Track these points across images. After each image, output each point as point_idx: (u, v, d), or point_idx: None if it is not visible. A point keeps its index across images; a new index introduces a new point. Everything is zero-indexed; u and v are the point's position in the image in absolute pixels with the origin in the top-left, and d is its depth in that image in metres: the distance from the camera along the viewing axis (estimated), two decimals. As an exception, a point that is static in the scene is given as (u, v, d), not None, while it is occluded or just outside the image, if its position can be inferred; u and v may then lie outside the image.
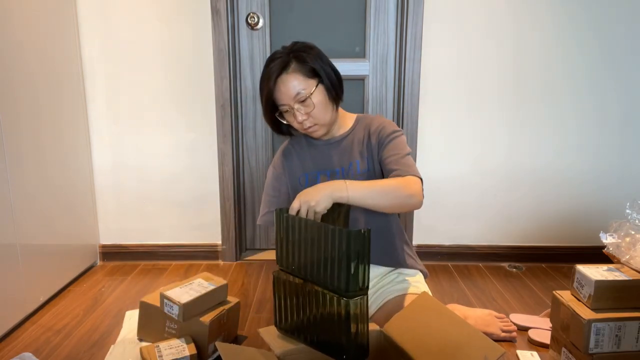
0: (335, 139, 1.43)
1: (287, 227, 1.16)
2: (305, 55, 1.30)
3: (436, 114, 2.09)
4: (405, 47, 2.02)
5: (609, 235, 1.32)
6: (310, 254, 1.11)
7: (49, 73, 1.82)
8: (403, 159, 1.31)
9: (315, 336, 1.15)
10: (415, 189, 1.23)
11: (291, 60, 1.30)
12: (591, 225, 2.13)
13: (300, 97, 1.29)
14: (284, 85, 1.29)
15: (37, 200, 1.73)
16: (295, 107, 1.30)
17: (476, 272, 2.10)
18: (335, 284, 1.06)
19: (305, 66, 1.30)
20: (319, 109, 1.31)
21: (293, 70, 1.29)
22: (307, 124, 1.33)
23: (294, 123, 1.35)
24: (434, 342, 1.11)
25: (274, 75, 1.29)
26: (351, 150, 1.40)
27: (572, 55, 2.03)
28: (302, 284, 1.15)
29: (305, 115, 1.31)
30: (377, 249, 1.41)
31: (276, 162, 1.49)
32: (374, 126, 1.39)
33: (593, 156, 2.12)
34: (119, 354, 1.39)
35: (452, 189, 2.15)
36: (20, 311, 1.63)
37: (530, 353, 1.41)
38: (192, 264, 2.19)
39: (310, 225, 1.11)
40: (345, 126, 1.44)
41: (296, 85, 1.29)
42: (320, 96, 1.31)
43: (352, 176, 1.37)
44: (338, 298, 1.06)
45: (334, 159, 1.41)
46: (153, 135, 2.12)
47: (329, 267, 1.07)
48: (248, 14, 2.08)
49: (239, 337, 1.52)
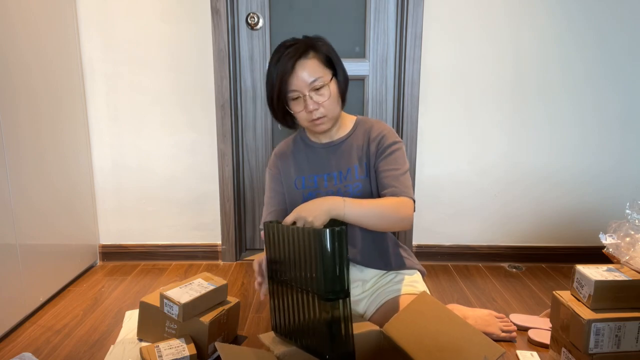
0: (334, 142, 1.40)
1: (274, 238, 1.16)
2: (322, 45, 1.29)
3: (436, 114, 2.09)
4: (405, 47, 2.02)
5: (608, 236, 1.33)
6: (296, 259, 1.10)
7: (48, 73, 1.82)
8: (402, 177, 1.30)
9: (306, 340, 1.15)
10: (407, 213, 1.24)
11: (309, 47, 1.27)
12: (591, 225, 2.13)
13: (316, 85, 1.26)
14: (302, 70, 1.25)
15: (36, 201, 1.73)
16: (308, 95, 1.26)
17: (476, 272, 2.10)
18: (316, 287, 1.05)
19: (323, 55, 1.28)
20: (332, 101, 1.29)
21: (312, 57, 1.27)
22: (317, 114, 1.28)
23: (301, 113, 1.29)
24: (433, 342, 1.11)
25: (293, 59, 1.24)
26: (350, 155, 1.38)
27: (571, 55, 2.03)
28: (291, 290, 1.14)
29: (317, 105, 1.27)
30: (373, 255, 1.41)
31: (271, 163, 1.47)
32: (375, 133, 1.36)
33: (593, 156, 2.12)
34: (118, 354, 1.39)
35: (452, 188, 2.15)
36: (20, 311, 1.63)
37: (530, 353, 1.41)
38: (192, 264, 2.19)
39: (292, 230, 1.10)
40: (345, 128, 1.41)
41: (315, 71, 1.26)
42: (334, 87, 1.29)
43: (349, 181, 1.36)
44: (320, 301, 1.05)
45: (331, 162, 1.39)
46: (153, 135, 2.12)
47: (310, 270, 1.06)
48: (248, 14, 2.08)
49: (239, 337, 1.52)
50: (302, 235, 1.07)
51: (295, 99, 1.29)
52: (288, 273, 1.14)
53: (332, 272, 1.02)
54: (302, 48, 1.26)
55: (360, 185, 1.35)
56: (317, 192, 1.37)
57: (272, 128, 2.19)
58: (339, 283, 1.03)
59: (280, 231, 1.14)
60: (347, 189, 1.35)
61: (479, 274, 2.08)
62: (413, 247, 2.19)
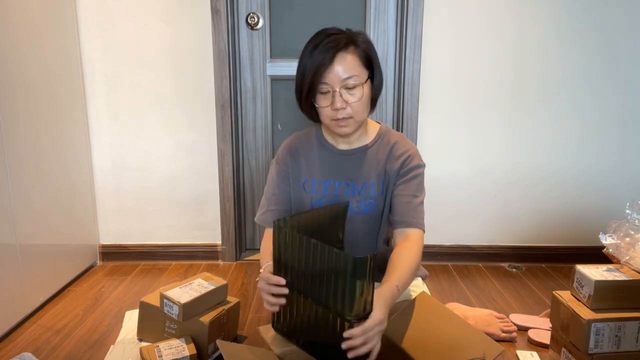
0: (352, 150, 1.32)
1: (286, 242, 1.11)
2: (362, 41, 1.21)
3: (436, 114, 2.09)
4: (405, 47, 2.02)
5: (608, 236, 1.33)
6: (311, 271, 1.07)
7: (48, 73, 1.82)
8: (419, 207, 1.28)
9: (310, 343, 1.14)
10: (421, 250, 1.23)
11: (351, 41, 1.19)
12: (591, 225, 2.13)
13: (349, 83, 1.18)
14: (340, 64, 1.17)
15: (36, 201, 1.73)
16: (338, 91, 1.18)
17: (476, 272, 2.10)
18: (338, 307, 1.03)
19: (363, 53, 1.20)
20: (361, 103, 1.21)
21: (352, 52, 1.18)
22: (343, 114, 1.20)
23: (326, 109, 1.21)
24: (433, 342, 1.11)
25: (332, 51, 1.16)
26: (368, 168, 1.30)
27: (571, 55, 2.03)
28: (304, 300, 1.11)
29: (345, 104, 1.19)
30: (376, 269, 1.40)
31: (280, 157, 1.37)
32: (400, 150, 1.30)
33: (593, 156, 2.12)
34: (118, 354, 1.39)
35: (452, 188, 2.15)
36: (20, 311, 1.63)
37: (530, 353, 1.41)
38: (192, 264, 2.19)
39: (313, 245, 1.06)
40: (366, 136, 1.33)
41: (351, 68, 1.17)
42: (367, 90, 1.22)
43: (362, 197, 1.31)
44: (341, 320, 1.03)
45: (346, 170, 1.32)
46: (153, 135, 2.12)
47: (332, 289, 1.03)
48: (248, 14, 2.08)
49: (238, 337, 1.52)
50: (327, 254, 1.03)
51: (324, 92, 1.20)
52: (302, 283, 1.11)
53: (360, 296, 1.00)
54: (344, 41, 1.18)
55: (374, 202, 1.31)
56: (327, 199, 1.32)
57: (272, 128, 2.19)
58: (363, 307, 1.01)
59: (298, 240, 1.09)
60: (360, 204, 1.31)
61: (479, 274, 2.08)
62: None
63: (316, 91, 1.21)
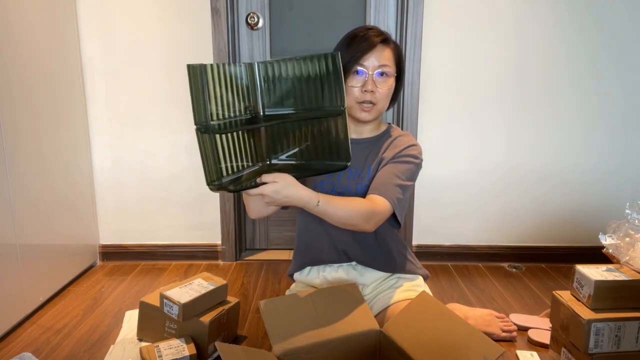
0: (361, 139, 1.38)
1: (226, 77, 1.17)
2: (395, 44, 1.34)
3: (436, 114, 2.09)
4: (405, 47, 2.02)
5: (608, 237, 1.33)
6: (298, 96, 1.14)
7: (48, 72, 1.82)
8: (397, 187, 1.27)
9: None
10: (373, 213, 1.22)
11: (389, 39, 1.32)
12: (591, 225, 2.13)
13: (383, 71, 1.28)
14: (380, 52, 1.28)
15: (36, 200, 1.73)
16: (372, 74, 1.28)
17: (476, 272, 2.10)
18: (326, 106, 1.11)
19: (396, 52, 1.32)
20: (387, 93, 1.31)
21: (390, 48, 1.31)
22: (369, 97, 1.29)
23: (355, 89, 1.29)
24: (433, 342, 1.11)
25: (379, 38, 1.28)
26: (370, 155, 1.37)
27: (573, 54, 2.03)
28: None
29: (375, 88, 1.28)
30: (375, 257, 1.41)
31: None
32: (402, 142, 1.36)
33: (593, 156, 2.12)
34: (118, 354, 1.39)
35: (452, 188, 2.15)
36: (20, 311, 1.63)
37: (530, 353, 1.41)
38: (192, 264, 2.19)
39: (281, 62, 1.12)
40: (375, 130, 1.41)
41: (388, 59, 1.29)
42: (392, 85, 1.32)
43: (360, 179, 1.35)
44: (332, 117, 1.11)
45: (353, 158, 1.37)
46: (153, 135, 2.12)
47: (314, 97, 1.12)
48: (248, 14, 2.08)
49: (239, 337, 1.52)
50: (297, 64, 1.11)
51: (358, 74, 1.29)
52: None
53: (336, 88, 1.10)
54: (385, 36, 1.31)
55: (368, 184, 1.33)
56: (329, 182, 1.36)
57: (272, 128, 2.19)
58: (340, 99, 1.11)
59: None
60: (357, 187, 1.34)
61: (478, 274, 2.08)
62: (413, 247, 2.19)
63: (350, 71, 1.29)
